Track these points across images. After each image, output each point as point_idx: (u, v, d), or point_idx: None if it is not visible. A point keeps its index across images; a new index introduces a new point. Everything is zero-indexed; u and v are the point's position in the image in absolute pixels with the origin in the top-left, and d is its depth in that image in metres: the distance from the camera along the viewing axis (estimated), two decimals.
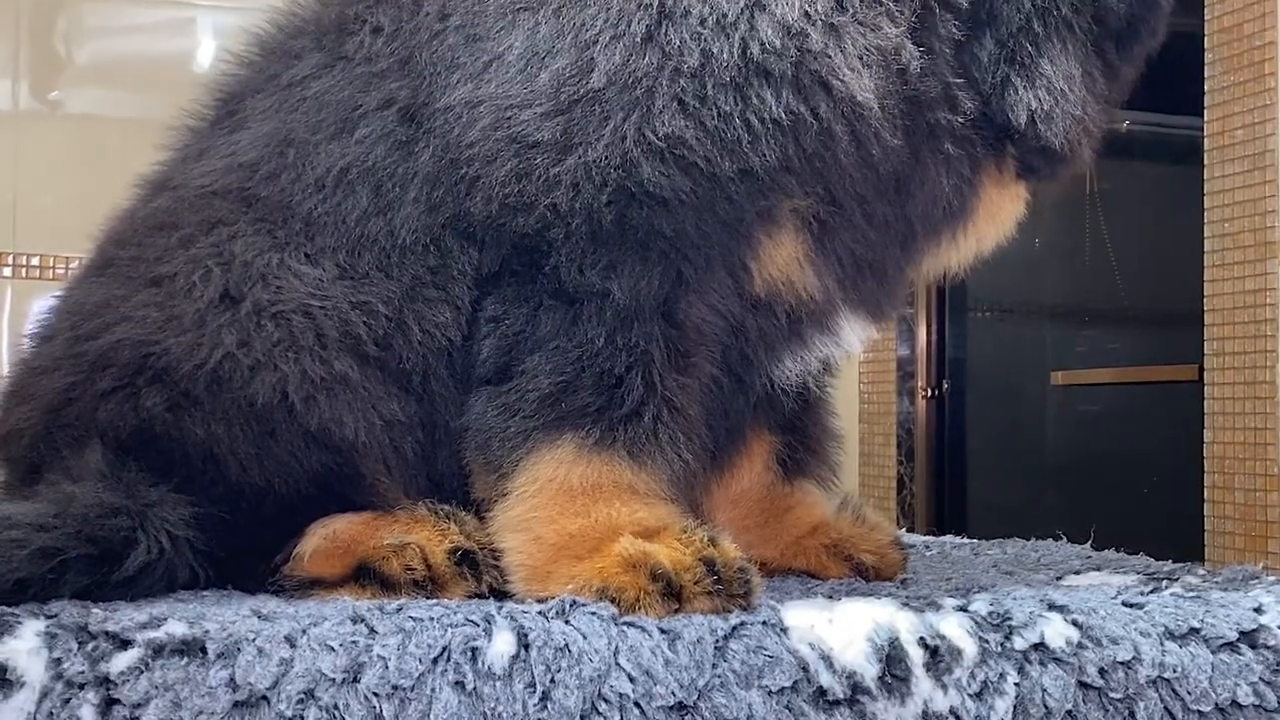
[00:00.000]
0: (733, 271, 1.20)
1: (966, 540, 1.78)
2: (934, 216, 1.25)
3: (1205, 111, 3.81)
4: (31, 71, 4.25)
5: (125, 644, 0.92)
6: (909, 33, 1.17)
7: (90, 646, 0.92)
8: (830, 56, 1.14)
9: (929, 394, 5.08)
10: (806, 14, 1.14)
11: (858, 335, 1.32)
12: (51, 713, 0.88)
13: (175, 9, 4.35)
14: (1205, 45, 3.81)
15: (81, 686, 0.89)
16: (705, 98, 1.13)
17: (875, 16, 1.16)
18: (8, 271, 4.10)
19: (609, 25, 1.15)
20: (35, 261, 4.07)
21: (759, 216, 1.17)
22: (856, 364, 5.21)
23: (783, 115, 1.13)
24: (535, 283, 1.18)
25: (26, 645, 0.91)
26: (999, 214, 1.32)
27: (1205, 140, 3.80)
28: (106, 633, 0.93)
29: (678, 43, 1.14)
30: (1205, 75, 3.81)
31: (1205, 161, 3.79)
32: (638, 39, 1.14)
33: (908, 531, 2.95)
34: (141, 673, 0.90)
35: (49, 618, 0.96)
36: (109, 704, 0.89)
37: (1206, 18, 3.85)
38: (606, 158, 1.14)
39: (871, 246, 1.24)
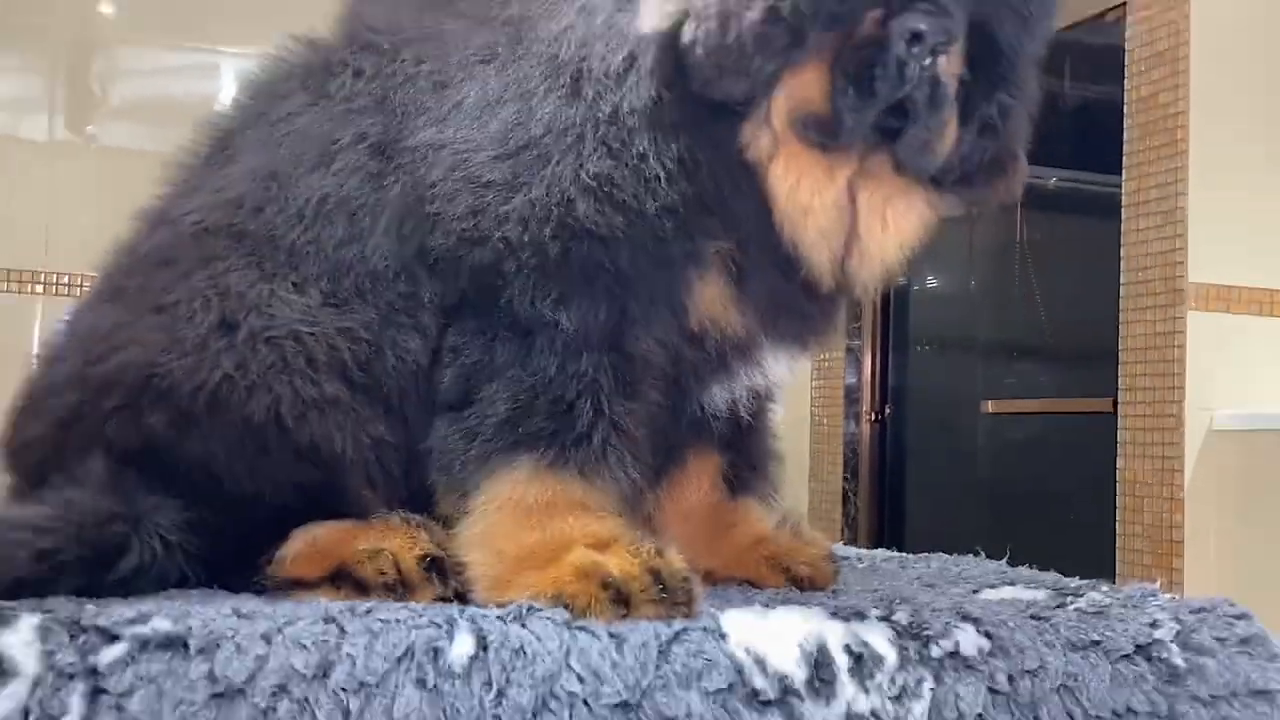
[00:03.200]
0: (673, 309, 1.19)
1: (896, 554, 1.77)
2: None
3: (1124, 171, 3.85)
4: (67, 107, 4.23)
5: (113, 638, 0.90)
6: None
7: (81, 640, 0.90)
8: None
9: (873, 418, 5.09)
10: None
11: (783, 366, 1.31)
12: (43, 701, 0.87)
13: (202, 54, 4.35)
14: (1125, 112, 3.86)
15: (71, 677, 0.88)
16: (624, 141, 1.15)
17: None
18: (40, 289, 4.08)
19: (544, 78, 1.18)
20: (65, 280, 4.04)
21: (688, 257, 1.17)
22: (809, 390, 5.22)
23: (684, 154, 1.15)
24: (492, 315, 1.17)
25: (22, 638, 0.89)
26: (797, 191, 1.17)
27: (1123, 197, 3.84)
28: (97, 627, 0.91)
29: (592, 95, 1.16)
30: (1124, 139, 3.85)
31: (1123, 216, 3.83)
32: (566, 91, 1.17)
33: (851, 544, 2.94)
34: (128, 665, 0.88)
35: (45, 612, 0.94)
36: (96, 693, 0.87)
37: (1126, 87, 3.90)
38: (548, 195, 1.15)
39: (779, 290, 1.22)
